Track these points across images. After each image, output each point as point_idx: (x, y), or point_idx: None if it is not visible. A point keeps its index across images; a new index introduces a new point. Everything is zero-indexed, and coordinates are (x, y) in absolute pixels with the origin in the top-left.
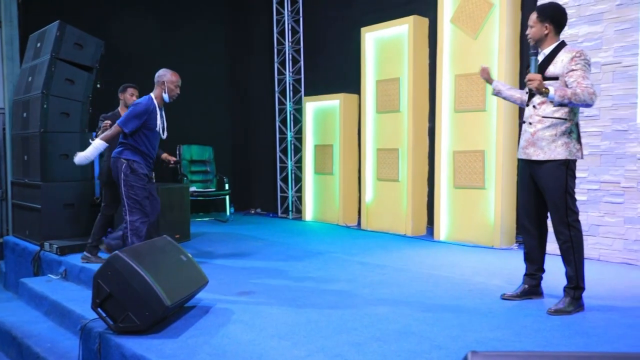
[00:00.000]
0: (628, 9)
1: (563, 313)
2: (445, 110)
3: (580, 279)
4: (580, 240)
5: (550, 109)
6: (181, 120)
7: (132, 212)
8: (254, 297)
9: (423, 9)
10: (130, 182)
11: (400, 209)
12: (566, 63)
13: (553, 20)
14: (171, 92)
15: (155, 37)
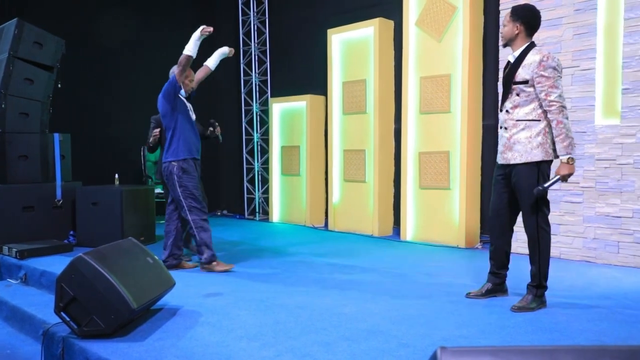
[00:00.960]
0: (585, 15)
1: (526, 310)
2: (410, 111)
3: (543, 278)
4: (548, 240)
5: (523, 112)
6: (145, 121)
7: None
8: (222, 299)
9: (388, 12)
10: (184, 182)
11: (367, 209)
12: (535, 67)
13: (524, 21)
14: (185, 86)
15: (119, 36)
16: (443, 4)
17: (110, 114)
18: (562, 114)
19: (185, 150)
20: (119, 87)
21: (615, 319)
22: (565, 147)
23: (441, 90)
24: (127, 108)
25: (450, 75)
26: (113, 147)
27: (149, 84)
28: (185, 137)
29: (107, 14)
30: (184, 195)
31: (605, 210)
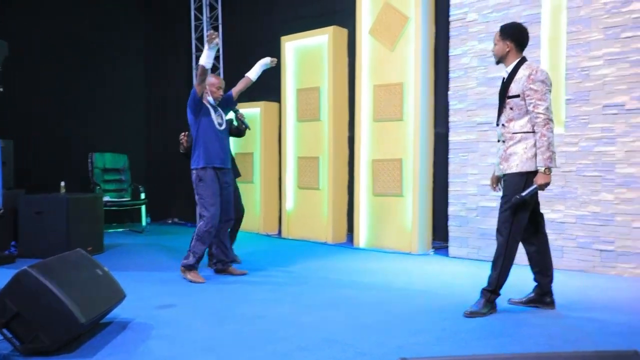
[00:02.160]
0: (531, 27)
1: (478, 315)
2: (364, 119)
3: (499, 285)
4: (514, 250)
5: (518, 125)
6: (94, 126)
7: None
8: (175, 311)
9: (342, 20)
10: (199, 191)
11: (320, 216)
12: (524, 81)
13: (514, 39)
14: (213, 94)
15: (65, 38)
16: (395, 14)
17: (55, 119)
18: (546, 127)
19: (205, 159)
20: (65, 91)
21: (564, 323)
22: (544, 160)
23: (394, 98)
24: (74, 113)
25: (403, 84)
26: (58, 153)
27: (97, 88)
28: (207, 146)
29: (54, 14)
30: (199, 203)
31: (550, 216)
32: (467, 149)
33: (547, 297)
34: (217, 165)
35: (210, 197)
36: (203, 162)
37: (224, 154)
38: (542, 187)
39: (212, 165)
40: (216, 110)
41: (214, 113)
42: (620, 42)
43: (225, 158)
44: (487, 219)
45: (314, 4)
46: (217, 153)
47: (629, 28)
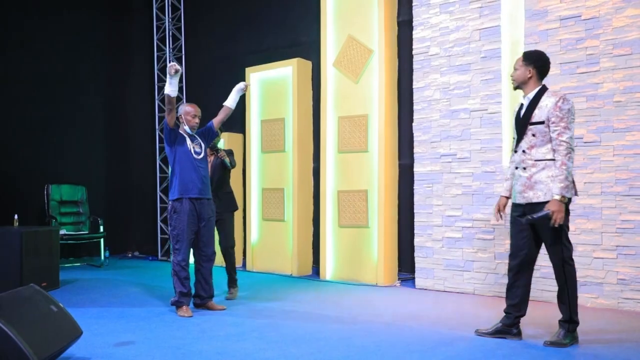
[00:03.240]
0: (491, 62)
1: (559, 345)
2: (329, 150)
3: (573, 312)
4: (574, 274)
5: (541, 152)
6: (50, 157)
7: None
8: (134, 348)
9: (306, 52)
10: (173, 222)
11: (286, 249)
12: (550, 108)
13: (537, 66)
14: (189, 122)
15: (26, 70)
16: (359, 47)
17: (9, 149)
18: (567, 156)
19: (180, 190)
20: (21, 121)
21: (532, 353)
22: (560, 188)
23: (359, 130)
24: (29, 143)
25: (368, 116)
26: (12, 185)
27: (54, 118)
28: (182, 177)
29: (10, 45)
30: (170, 235)
31: None
32: (431, 180)
33: (514, 328)
34: (194, 196)
35: (182, 229)
36: (178, 193)
37: (202, 184)
38: (554, 215)
39: (188, 196)
40: (194, 139)
41: (191, 142)
42: (576, 77)
43: (204, 188)
44: (453, 250)
45: (278, 35)
46: (194, 183)
47: (584, 64)
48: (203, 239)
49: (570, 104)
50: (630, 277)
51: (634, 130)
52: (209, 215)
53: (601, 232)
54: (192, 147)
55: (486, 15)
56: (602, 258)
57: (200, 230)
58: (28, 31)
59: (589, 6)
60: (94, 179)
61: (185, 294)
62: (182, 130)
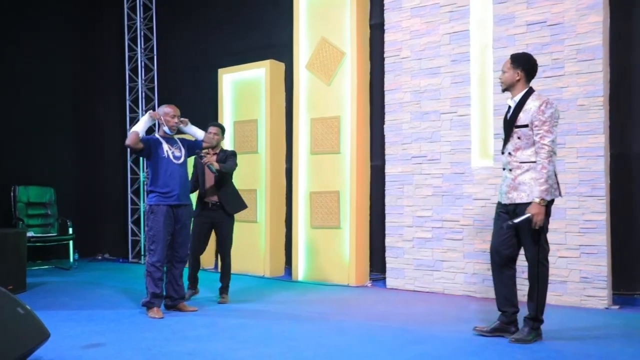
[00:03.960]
0: (461, 65)
1: (523, 342)
2: (302, 152)
3: (540, 311)
4: (546, 275)
5: (525, 155)
6: (17, 158)
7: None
8: (103, 350)
9: (279, 54)
10: (149, 223)
11: (258, 250)
12: (534, 111)
13: (525, 68)
14: (167, 123)
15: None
16: (332, 49)
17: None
18: (548, 159)
19: (158, 198)
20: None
21: (499, 350)
22: (540, 191)
23: (331, 131)
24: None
25: (340, 117)
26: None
27: (22, 119)
28: (160, 184)
29: None
30: (147, 235)
31: (483, 246)
32: (402, 181)
33: (512, 327)
34: (172, 203)
35: (158, 231)
36: (156, 201)
37: (180, 190)
38: (536, 217)
39: (165, 203)
40: (173, 142)
41: (170, 146)
42: (541, 82)
43: (182, 194)
44: (423, 250)
45: (251, 37)
46: (173, 191)
47: (549, 68)
48: (178, 241)
49: (553, 108)
50: (592, 275)
51: (596, 133)
52: (185, 218)
53: (565, 232)
54: (170, 151)
55: (456, 20)
56: (566, 257)
57: (176, 232)
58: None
59: (554, 12)
60: (63, 180)
61: (158, 295)
62: (160, 133)
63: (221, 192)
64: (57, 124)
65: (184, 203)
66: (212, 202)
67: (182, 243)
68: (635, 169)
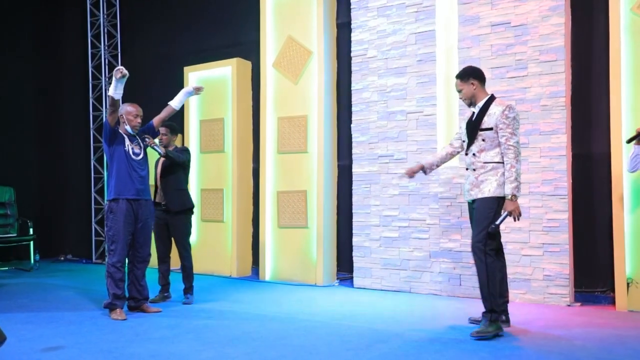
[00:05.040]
0: (427, 65)
1: (484, 334)
2: (269, 151)
3: (494, 303)
4: (495, 267)
5: (489, 155)
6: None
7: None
8: (64, 353)
9: (246, 53)
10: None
11: (225, 250)
12: (498, 116)
13: (476, 77)
14: (130, 122)
15: None
16: (299, 48)
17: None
18: (515, 159)
19: (116, 190)
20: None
21: (463, 348)
22: (512, 188)
23: (298, 130)
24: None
25: (307, 116)
26: None
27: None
28: (119, 177)
29: None
30: (106, 235)
31: (449, 245)
32: (369, 180)
33: (502, 315)
34: (131, 197)
35: (118, 230)
36: (114, 193)
37: (141, 184)
38: (513, 213)
39: (124, 197)
40: (133, 139)
41: (131, 142)
42: (506, 82)
43: (142, 188)
44: (390, 249)
45: (217, 35)
46: (132, 184)
47: (513, 69)
48: (139, 240)
49: (515, 112)
50: (555, 273)
51: (559, 133)
52: (146, 217)
53: (529, 231)
54: (130, 147)
55: (422, 20)
56: (530, 255)
57: (137, 232)
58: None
59: (517, 13)
60: (23, 179)
61: (119, 296)
62: (122, 130)
63: (167, 188)
64: (17, 122)
65: (143, 198)
66: (160, 201)
67: (144, 242)
68: (596, 169)
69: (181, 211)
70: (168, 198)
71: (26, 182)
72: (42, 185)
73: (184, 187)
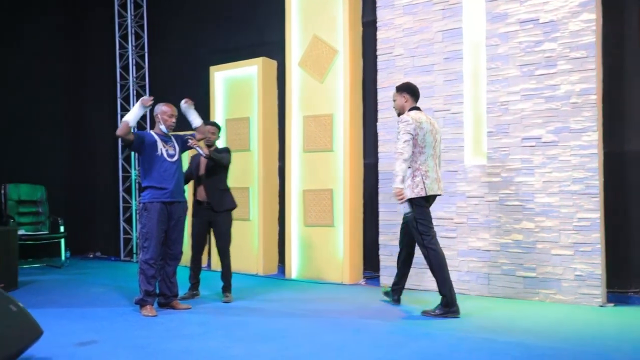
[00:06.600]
0: (454, 63)
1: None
2: (294, 150)
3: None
4: (436, 256)
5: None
6: (8, 156)
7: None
8: (97, 347)
9: (272, 52)
10: (142, 220)
11: (251, 248)
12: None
13: (408, 91)
14: (165, 122)
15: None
16: (324, 47)
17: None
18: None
19: (151, 195)
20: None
21: (491, 347)
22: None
23: (324, 129)
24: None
25: (333, 115)
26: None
27: (12, 116)
28: (153, 182)
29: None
30: (140, 233)
31: (477, 244)
32: None
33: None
34: (166, 200)
35: (152, 228)
36: (150, 198)
37: (174, 186)
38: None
39: (159, 200)
40: (168, 140)
41: (164, 144)
42: (535, 79)
43: (176, 191)
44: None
45: (243, 34)
46: (166, 188)
47: (542, 66)
48: (172, 238)
49: (405, 122)
50: (586, 273)
51: (590, 131)
52: (179, 215)
53: (559, 230)
54: (164, 149)
55: (449, 17)
56: (560, 255)
57: (170, 229)
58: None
59: (547, 10)
60: (54, 178)
61: (151, 292)
62: (156, 131)
63: (211, 188)
64: (48, 122)
65: (177, 200)
66: (203, 200)
67: (176, 240)
68: (628, 167)
69: (225, 211)
70: (213, 198)
71: (57, 181)
72: (72, 184)
73: (227, 187)
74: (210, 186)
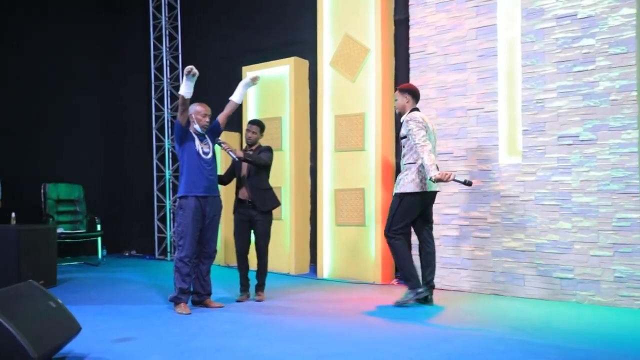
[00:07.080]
0: (488, 60)
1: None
2: (326, 149)
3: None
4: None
5: (406, 158)
6: (47, 156)
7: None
8: (132, 344)
9: (303, 52)
10: (178, 219)
11: (283, 247)
12: (405, 125)
13: (410, 92)
14: (199, 122)
15: (20, 68)
16: (356, 46)
17: (4, 147)
18: (420, 151)
19: (185, 188)
20: (16, 120)
21: (527, 349)
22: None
23: (355, 128)
24: (26, 142)
25: (364, 114)
26: (8, 184)
27: (51, 117)
28: (189, 174)
29: (2, 43)
30: (175, 231)
31: (511, 244)
32: None
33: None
34: (200, 194)
35: (187, 226)
36: (184, 190)
37: (209, 182)
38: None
39: (194, 194)
40: (202, 138)
41: (200, 142)
42: (572, 76)
43: (210, 186)
44: (449, 248)
45: (275, 34)
46: (201, 182)
47: (580, 62)
48: (206, 236)
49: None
50: (627, 274)
51: (630, 129)
52: (213, 213)
53: (598, 230)
54: (200, 147)
55: (483, 14)
56: (599, 256)
57: (204, 228)
58: (25, 30)
59: (584, 5)
60: (91, 178)
61: (185, 290)
62: (192, 130)
63: (253, 188)
64: (85, 124)
65: (211, 195)
66: (246, 199)
67: (210, 239)
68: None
69: (268, 210)
70: (256, 198)
71: (94, 181)
72: (108, 183)
73: (269, 187)
74: (252, 186)
